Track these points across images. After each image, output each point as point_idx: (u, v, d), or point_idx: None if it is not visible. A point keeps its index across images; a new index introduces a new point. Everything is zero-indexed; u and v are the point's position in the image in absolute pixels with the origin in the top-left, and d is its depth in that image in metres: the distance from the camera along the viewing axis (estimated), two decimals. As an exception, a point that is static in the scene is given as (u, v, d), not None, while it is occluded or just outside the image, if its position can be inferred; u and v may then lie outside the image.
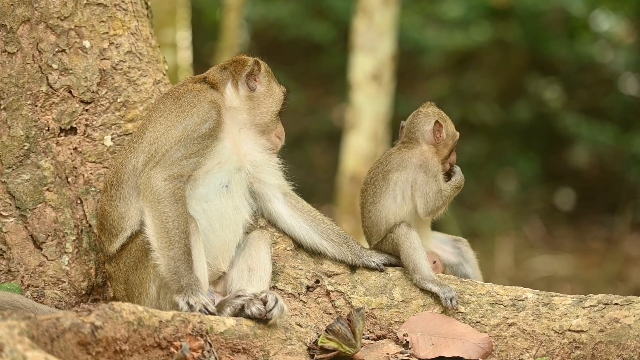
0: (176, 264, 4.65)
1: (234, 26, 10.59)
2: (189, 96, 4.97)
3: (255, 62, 5.12)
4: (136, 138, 4.95)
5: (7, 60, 5.14)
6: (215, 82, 5.07)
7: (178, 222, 4.69)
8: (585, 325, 4.77)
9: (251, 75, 5.10)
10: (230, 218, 4.96)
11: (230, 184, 4.95)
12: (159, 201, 4.71)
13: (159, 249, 4.69)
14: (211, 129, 4.88)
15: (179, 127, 4.86)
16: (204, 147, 4.85)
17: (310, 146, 15.47)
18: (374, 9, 9.65)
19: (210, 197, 4.91)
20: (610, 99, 15.99)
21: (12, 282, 5.01)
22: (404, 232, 5.10)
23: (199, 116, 4.88)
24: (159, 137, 4.86)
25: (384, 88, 9.65)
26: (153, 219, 4.71)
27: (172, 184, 4.75)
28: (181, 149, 4.81)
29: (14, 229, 5.06)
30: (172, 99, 4.98)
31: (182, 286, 4.61)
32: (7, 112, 5.11)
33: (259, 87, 5.12)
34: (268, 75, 5.18)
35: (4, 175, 5.08)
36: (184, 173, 4.79)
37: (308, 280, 5.16)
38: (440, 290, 4.97)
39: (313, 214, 5.25)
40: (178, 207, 4.71)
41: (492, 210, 14.97)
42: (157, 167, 4.77)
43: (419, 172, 5.20)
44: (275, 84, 5.21)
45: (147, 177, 4.76)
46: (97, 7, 5.33)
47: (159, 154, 4.80)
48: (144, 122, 5.01)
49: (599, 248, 14.41)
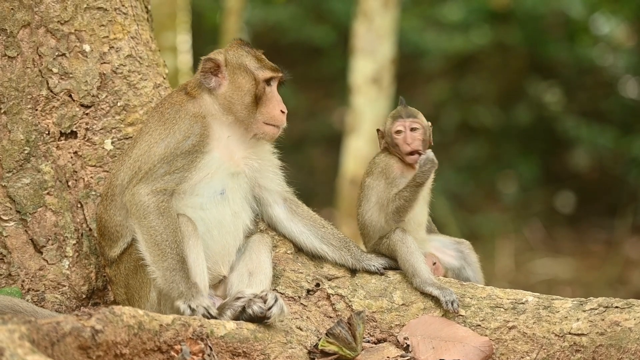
0: (171, 274, 4.65)
1: (234, 30, 10.59)
2: (171, 112, 4.92)
3: (206, 60, 4.97)
4: (128, 152, 4.95)
5: (7, 65, 5.14)
6: (193, 91, 4.99)
7: (167, 234, 4.68)
8: (586, 328, 4.76)
9: (207, 75, 4.96)
10: (228, 224, 4.94)
11: (225, 190, 4.92)
12: (144, 216, 4.70)
13: (152, 262, 4.69)
14: (195, 144, 4.83)
15: (161, 144, 4.83)
16: (189, 162, 4.81)
17: (311, 149, 15.47)
18: (374, 12, 9.65)
19: (206, 205, 4.89)
20: (610, 102, 15.99)
21: (12, 286, 5.00)
22: (399, 237, 5.08)
23: (181, 133, 4.84)
24: (142, 154, 4.84)
25: (384, 91, 9.66)
26: (142, 234, 4.71)
27: (155, 197, 4.73)
28: (164, 166, 4.79)
29: (14, 233, 5.06)
30: (157, 115, 4.95)
31: (182, 292, 4.61)
32: (7, 116, 5.11)
33: (222, 84, 4.98)
34: (233, 70, 4.99)
35: (5, 179, 5.08)
36: (168, 187, 4.76)
37: (308, 284, 5.15)
38: (440, 294, 4.96)
39: (313, 218, 5.23)
40: (164, 219, 4.70)
41: (492, 213, 14.97)
42: (140, 183, 4.76)
43: (380, 178, 5.18)
44: (241, 73, 4.98)
45: (131, 195, 4.76)
46: (97, 11, 5.33)
47: (142, 171, 4.79)
48: (135, 137, 5.01)
49: (599, 251, 14.40)
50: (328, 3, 15.59)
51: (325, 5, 15.66)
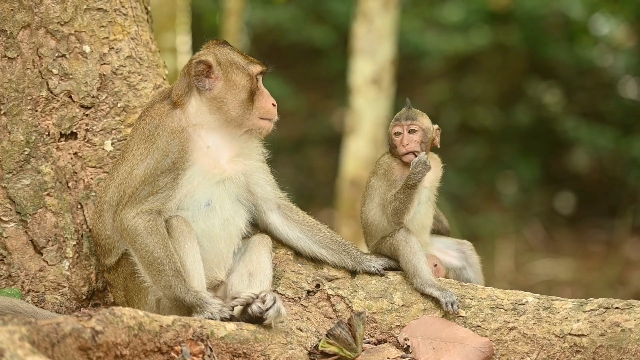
0: (171, 290, 4.67)
1: (234, 30, 10.58)
2: (150, 127, 4.87)
3: (198, 63, 4.89)
4: (116, 166, 4.94)
5: (8, 66, 5.14)
6: (178, 97, 4.91)
7: (158, 252, 4.69)
8: (586, 329, 4.76)
9: (201, 77, 4.90)
10: (218, 233, 4.91)
11: (212, 201, 4.89)
12: (135, 239, 4.72)
13: (153, 282, 4.73)
14: (174, 161, 4.80)
15: (141, 165, 4.82)
16: (171, 180, 4.79)
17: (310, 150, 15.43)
18: (374, 13, 9.64)
19: (193, 217, 4.86)
20: (610, 103, 15.98)
21: (12, 287, 5.00)
22: (403, 237, 5.08)
23: (159, 152, 4.81)
24: (125, 177, 4.84)
25: (384, 92, 9.64)
26: (137, 257, 4.75)
27: (141, 218, 4.73)
28: (146, 187, 4.78)
29: (14, 234, 5.06)
30: (139, 129, 4.91)
31: (192, 304, 4.63)
32: (7, 117, 5.11)
33: (216, 84, 4.91)
34: (225, 69, 4.92)
35: (5, 180, 5.07)
36: (153, 207, 4.76)
37: (309, 285, 5.15)
38: (441, 295, 4.95)
39: (309, 223, 5.20)
40: (153, 237, 4.70)
41: (492, 214, 14.95)
42: (126, 207, 4.77)
43: (383, 179, 5.19)
44: (234, 70, 4.92)
45: (119, 220, 4.78)
46: (97, 12, 5.33)
47: (127, 195, 4.80)
48: (122, 150, 4.99)
49: (599, 251, 14.39)
50: (328, 4, 15.58)
51: (325, 6, 15.65)
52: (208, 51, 4.98)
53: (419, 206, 5.15)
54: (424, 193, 5.18)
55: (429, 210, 5.26)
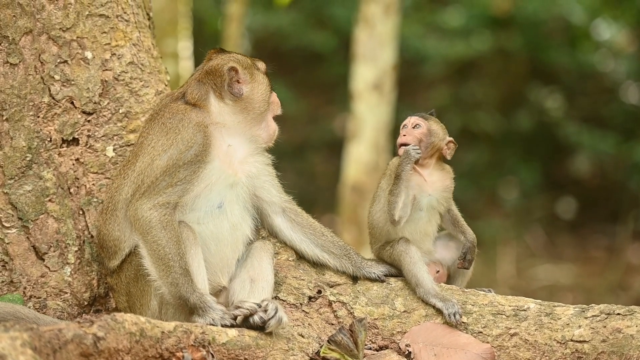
0: (177, 288, 4.66)
1: (235, 36, 10.60)
2: (174, 121, 4.88)
3: (230, 70, 4.94)
4: (129, 165, 4.91)
5: (10, 72, 5.14)
6: (196, 100, 4.95)
7: (170, 247, 4.67)
8: (588, 335, 4.76)
9: (232, 83, 4.96)
10: (226, 237, 4.92)
11: (223, 203, 4.90)
12: (148, 231, 4.70)
13: (159, 277, 4.70)
14: (197, 154, 4.81)
15: (164, 156, 4.81)
16: (191, 172, 4.79)
17: (312, 155, 15.43)
18: (375, 19, 9.64)
19: (203, 219, 4.86)
20: (612, 108, 15.98)
21: (14, 293, 4.99)
22: (403, 247, 5.08)
23: (184, 143, 4.81)
24: (145, 167, 4.81)
25: (385, 97, 9.64)
26: (147, 249, 4.72)
27: (157, 211, 4.72)
28: (167, 178, 4.77)
29: (16, 240, 5.05)
30: (158, 125, 4.90)
31: (195, 306, 4.62)
32: (9, 123, 5.10)
33: (244, 88, 4.98)
34: (248, 70, 5.01)
35: (6, 186, 5.07)
36: (171, 200, 4.75)
37: (310, 291, 5.14)
38: (443, 306, 4.95)
39: (313, 226, 5.21)
40: (167, 232, 4.69)
41: (493, 219, 14.95)
42: (143, 197, 4.75)
43: (389, 180, 5.17)
44: (257, 73, 5.03)
45: (134, 209, 4.75)
46: (99, 18, 5.33)
47: (145, 185, 4.78)
48: (135, 149, 4.96)
49: (600, 257, 14.38)
50: (329, 9, 15.59)
51: (327, 11, 15.66)
52: (223, 58, 5.01)
53: (419, 212, 5.14)
54: (425, 199, 5.15)
55: (432, 218, 5.21)
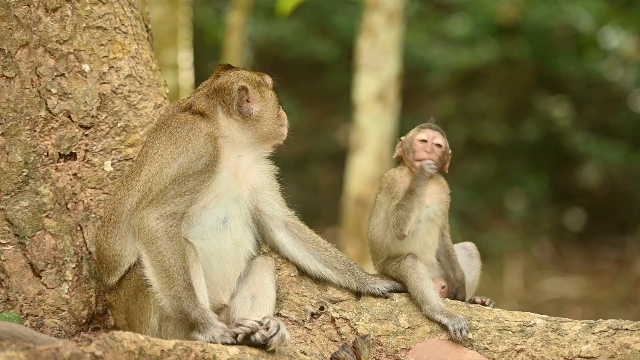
0: (179, 302, 4.61)
1: (236, 45, 10.60)
2: (183, 130, 4.85)
3: (240, 89, 4.93)
4: (133, 175, 4.86)
5: (6, 85, 5.12)
6: (204, 112, 4.92)
7: (174, 260, 4.62)
8: (595, 351, 4.73)
9: (242, 103, 4.93)
10: (229, 254, 4.88)
11: (228, 218, 4.86)
12: (153, 241, 4.65)
13: (160, 290, 4.65)
14: (207, 164, 4.77)
15: (174, 164, 4.76)
16: (200, 182, 4.75)
17: (315, 167, 15.45)
18: (379, 28, 9.61)
19: (207, 234, 4.82)
20: (620, 117, 15.98)
21: (10, 311, 4.97)
22: (410, 264, 5.07)
23: (195, 152, 4.77)
24: (153, 175, 4.77)
25: (389, 108, 9.61)
26: (150, 260, 4.66)
27: (164, 222, 4.67)
28: (175, 187, 4.72)
29: (12, 256, 5.02)
30: (166, 134, 4.87)
31: (196, 321, 4.57)
32: (5, 138, 5.08)
33: (254, 108, 4.96)
34: (258, 89, 5.00)
35: (3, 202, 5.04)
36: (178, 210, 4.70)
37: (312, 307, 5.12)
38: (449, 323, 4.92)
39: (316, 241, 5.19)
40: (173, 244, 4.64)
41: (500, 231, 14.95)
42: (150, 206, 4.70)
43: (387, 194, 5.18)
44: (265, 90, 5.02)
45: (139, 218, 4.69)
46: (97, 30, 5.31)
47: (152, 193, 4.72)
48: (140, 159, 4.91)
49: (609, 269, 14.37)
50: (331, 18, 15.60)
51: (329, 21, 15.67)
52: (232, 76, 5.00)
53: (418, 225, 5.13)
54: (424, 211, 5.14)
55: (431, 230, 5.20)
